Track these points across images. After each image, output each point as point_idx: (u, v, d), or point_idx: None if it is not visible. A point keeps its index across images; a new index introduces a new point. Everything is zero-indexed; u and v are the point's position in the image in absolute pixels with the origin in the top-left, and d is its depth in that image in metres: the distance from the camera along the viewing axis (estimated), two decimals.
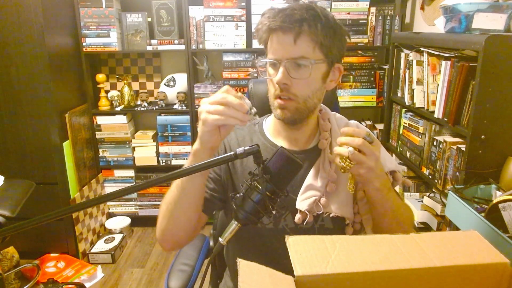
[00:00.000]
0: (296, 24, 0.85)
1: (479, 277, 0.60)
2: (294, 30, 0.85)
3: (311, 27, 0.85)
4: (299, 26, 0.85)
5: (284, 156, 0.70)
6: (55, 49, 2.14)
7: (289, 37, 0.86)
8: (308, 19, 0.85)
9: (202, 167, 0.70)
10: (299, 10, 0.85)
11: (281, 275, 0.58)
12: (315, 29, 0.86)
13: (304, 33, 0.85)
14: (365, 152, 0.80)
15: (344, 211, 0.95)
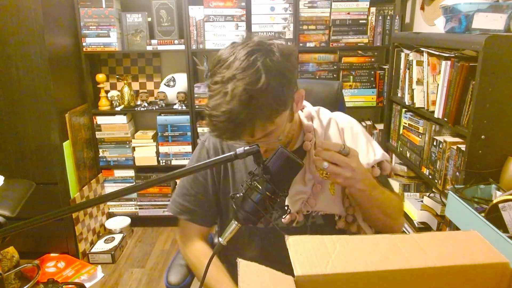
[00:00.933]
0: (246, 129, 0.78)
1: (479, 277, 0.60)
2: (245, 134, 0.80)
3: (258, 118, 0.78)
4: (250, 128, 0.78)
5: (284, 156, 0.70)
6: (55, 49, 2.14)
7: (245, 138, 0.81)
8: (252, 111, 0.76)
9: (202, 167, 0.70)
10: (238, 107, 0.75)
11: (281, 275, 0.58)
12: (263, 114, 0.78)
13: (258, 122, 0.78)
14: (340, 165, 0.83)
15: (332, 208, 0.97)
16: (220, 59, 0.81)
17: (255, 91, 0.75)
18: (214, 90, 0.79)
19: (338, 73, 2.46)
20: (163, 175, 0.67)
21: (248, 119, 0.76)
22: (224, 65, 0.79)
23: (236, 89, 0.75)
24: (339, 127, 1.03)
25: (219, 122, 0.77)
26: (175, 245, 2.56)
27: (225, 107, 0.75)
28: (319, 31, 2.38)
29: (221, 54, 0.82)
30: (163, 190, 2.66)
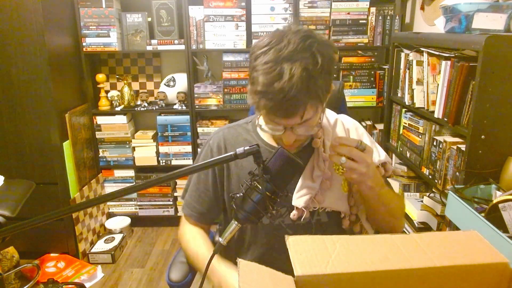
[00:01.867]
0: (302, 106, 0.81)
1: (479, 277, 0.60)
2: (300, 112, 0.82)
3: (313, 98, 0.81)
4: (304, 105, 0.81)
5: (284, 156, 0.70)
6: (55, 49, 2.14)
7: (296, 117, 0.83)
8: (312, 91, 0.80)
9: (202, 167, 0.70)
10: (302, 83, 0.78)
11: (281, 275, 0.58)
12: (319, 93, 0.82)
13: (310, 105, 0.82)
14: (357, 160, 0.84)
15: (339, 205, 0.98)
16: (268, 42, 0.82)
17: (314, 72, 0.80)
18: (265, 69, 0.80)
19: (338, 73, 2.46)
20: (163, 175, 0.67)
21: (305, 98, 0.80)
22: (276, 48, 0.80)
23: (295, 69, 0.78)
24: (345, 127, 1.05)
25: (275, 99, 0.79)
26: (175, 245, 2.56)
27: (284, 85, 0.77)
28: (319, 31, 2.38)
29: (268, 38, 0.83)
30: (163, 190, 2.66)
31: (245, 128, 1.07)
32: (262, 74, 0.80)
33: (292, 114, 0.82)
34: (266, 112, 0.83)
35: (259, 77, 0.80)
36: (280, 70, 0.78)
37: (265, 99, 0.80)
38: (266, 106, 0.81)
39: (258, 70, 0.81)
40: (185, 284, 1.07)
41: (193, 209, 1.08)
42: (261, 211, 0.70)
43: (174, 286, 1.06)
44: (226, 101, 2.49)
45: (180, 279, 1.07)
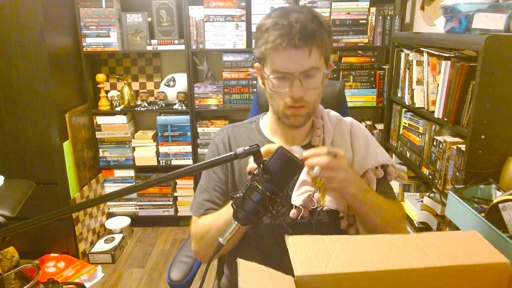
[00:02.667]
0: (309, 39, 0.85)
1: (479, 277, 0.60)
2: (308, 46, 0.85)
3: (321, 39, 0.87)
4: (312, 41, 0.85)
5: (284, 156, 0.70)
6: (55, 49, 2.14)
7: (304, 53, 0.86)
8: (318, 32, 0.86)
9: (202, 167, 0.70)
10: (308, 21, 0.85)
11: (281, 275, 0.58)
12: (324, 41, 0.88)
13: (316, 46, 0.87)
14: (332, 167, 0.83)
15: (337, 204, 0.97)
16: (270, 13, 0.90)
17: (319, 17, 0.89)
18: (273, 24, 0.86)
19: (338, 73, 2.46)
20: (163, 175, 0.67)
21: (313, 33, 0.85)
22: (280, 10, 0.89)
23: (303, 14, 0.86)
24: (348, 128, 1.05)
25: (285, 28, 0.84)
26: (175, 245, 2.56)
27: (292, 18, 0.85)
28: None
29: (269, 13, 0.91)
30: (163, 190, 2.66)
31: (249, 127, 1.08)
32: (271, 22, 0.87)
33: (302, 45, 0.85)
34: (274, 48, 0.86)
35: (269, 22, 0.87)
36: (288, 15, 0.86)
37: (274, 30, 0.85)
38: (276, 37, 0.85)
39: (266, 23, 0.88)
40: (185, 284, 1.07)
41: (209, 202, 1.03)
42: (261, 211, 0.70)
43: (174, 285, 1.06)
44: (226, 101, 2.49)
45: (181, 279, 1.07)
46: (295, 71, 0.88)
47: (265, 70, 0.93)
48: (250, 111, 1.39)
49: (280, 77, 0.90)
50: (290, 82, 0.89)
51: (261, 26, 0.90)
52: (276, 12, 0.89)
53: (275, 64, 0.89)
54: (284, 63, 0.88)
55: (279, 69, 0.89)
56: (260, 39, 0.90)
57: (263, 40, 0.88)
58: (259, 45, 0.90)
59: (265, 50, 0.89)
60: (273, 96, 0.95)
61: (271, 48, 0.87)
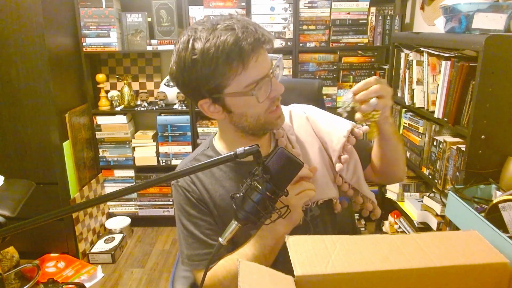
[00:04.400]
0: (266, 38, 0.81)
1: (479, 277, 0.60)
2: (270, 40, 0.82)
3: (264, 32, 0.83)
4: (265, 41, 0.81)
5: (284, 156, 0.70)
6: (55, 49, 2.14)
7: (267, 49, 0.83)
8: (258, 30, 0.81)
9: (202, 167, 0.70)
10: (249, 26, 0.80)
11: (281, 275, 0.58)
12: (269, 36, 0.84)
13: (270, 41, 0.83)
14: (385, 94, 0.82)
15: (328, 193, 0.97)
16: (187, 37, 0.80)
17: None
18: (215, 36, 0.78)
19: (338, 73, 2.46)
20: (163, 175, 0.67)
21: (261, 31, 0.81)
22: (198, 30, 0.80)
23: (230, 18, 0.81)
24: (304, 116, 1.04)
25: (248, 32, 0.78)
26: (175, 245, 2.56)
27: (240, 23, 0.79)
28: (319, 31, 2.38)
29: (182, 37, 0.82)
30: (163, 190, 2.66)
31: (207, 155, 0.98)
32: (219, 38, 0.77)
33: (268, 39, 0.81)
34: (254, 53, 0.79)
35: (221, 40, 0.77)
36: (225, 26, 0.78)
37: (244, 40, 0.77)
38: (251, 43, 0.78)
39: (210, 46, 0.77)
40: None
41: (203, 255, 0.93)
42: (261, 211, 0.70)
43: None
44: None
45: None
46: (267, 70, 0.83)
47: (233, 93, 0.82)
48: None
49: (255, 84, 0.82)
50: (268, 84, 0.83)
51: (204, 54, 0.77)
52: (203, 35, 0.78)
53: (248, 78, 0.80)
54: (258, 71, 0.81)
55: (254, 79, 0.81)
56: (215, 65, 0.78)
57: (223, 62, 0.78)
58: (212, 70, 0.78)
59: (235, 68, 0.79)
60: (247, 112, 0.86)
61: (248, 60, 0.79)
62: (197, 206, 0.93)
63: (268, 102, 0.86)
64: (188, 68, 0.80)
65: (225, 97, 0.83)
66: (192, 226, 0.93)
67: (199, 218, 0.93)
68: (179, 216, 0.96)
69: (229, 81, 0.80)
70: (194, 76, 0.80)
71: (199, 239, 0.93)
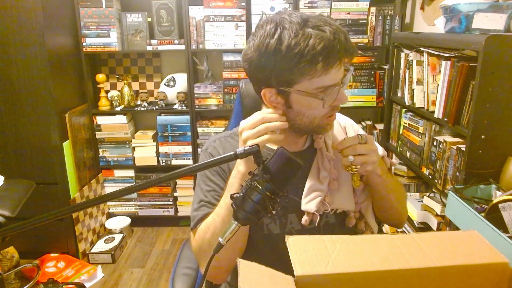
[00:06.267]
0: (352, 51, 0.83)
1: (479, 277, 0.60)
2: (355, 51, 0.84)
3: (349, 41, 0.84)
4: (351, 54, 0.84)
5: (284, 156, 0.70)
6: (55, 49, 2.14)
7: (353, 56, 0.85)
8: (348, 41, 0.83)
9: (202, 167, 0.70)
10: (336, 25, 0.81)
11: (281, 275, 0.58)
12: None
13: (353, 52, 0.85)
14: (365, 152, 0.86)
15: (348, 205, 0.98)
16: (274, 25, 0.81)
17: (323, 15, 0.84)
18: (304, 34, 0.78)
19: None
20: (163, 175, 0.67)
21: (347, 42, 0.81)
22: (286, 22, 0.80)
23: (322, 18, 0.81)
24: (341, 126, 1.06)
25: (338, 42, 0.79)
26: (175, 245, 2.56)
27: (332, 29, 0.79)
28: None
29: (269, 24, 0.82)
30: (163, 190, 2.66)
31: (237, 138, 0.99)
32: (306, 39, 0.78)
33: (354, 50, 0.83)
34: (336, 63, 0.81)
35: (308, 43, 0.77)
36: (316, 27, 0.79)
37: (331, 49, 0.78)
38: (337, 54, 0.79)
39: (297, 42, 0.78)
40: None
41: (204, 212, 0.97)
42: (261, 211, 0.70)
43: None
44: (226, 101, 2.49)
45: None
46: (339, 80, 0.85)
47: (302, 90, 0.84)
48: (233, 112, 1.34)
49: (325, 90, 0.84)
50: (336, 92, 0.85)
51: (288, 48, 0.79)
52: (291, 28, 0.79)
53: (321, 83, 0.82)
54: (331, 79, 0.83)
55: (326, 84, 0.83)
56: (295, 61, 0.79)
57: (306, 63, 0.79)
58: (292, 67, 0.80)
59: (314, 72, 0.80)
60: (306, 112, 0.88)
61: (327, 68, 0.80)
62: (218, 173, 0.97)
63: (329, 108, 0.87)
64: (268, 55, 0.81)
65: (291, 92, 0.84)
66: (206, 190, 0.97)
67: (216, 184, 0.97)
68: (198, 180, 1.00)
69: (303, 80, 0.82)
70: (271, 64, 0.82)
71: (207, 201, 0.96)
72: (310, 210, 0.93)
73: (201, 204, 0.98)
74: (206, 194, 0.98)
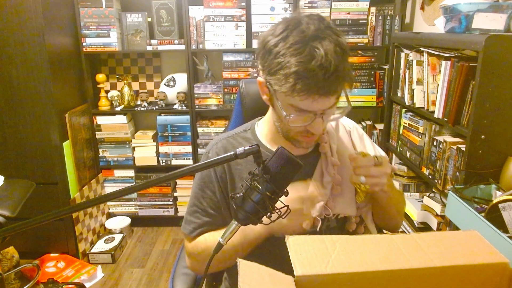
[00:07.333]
0: (337, 82, 0.79)
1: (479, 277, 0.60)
2: (335, 90, 0.80)
3: (345, 79, 0.81)
4: (339, 83, 0.80)
5: (284, 156, 0.70)
6: (55, 49, 2.14)
7: (330, 96, 0.81)
8: (344, 67, 0.79)
9: (202, 167, 0.70)
10: (334, 56, 0.76)
11: (281, 275, 0.58)
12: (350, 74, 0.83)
13: (341, 86, 0.82)
14: (378, 175, 0.86)
15: (350, 210, 0.98)
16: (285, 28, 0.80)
17: (345, 47, 0.80)
18: (294, 50, 0.77)
19: None
20: (163, 175, 0.67)
21: (343, 73, 0.78)
22: (297, 29, 0.79)
23: (326, 45, 0.77)
24: (346, 129, 1.06)
25: (316, 77, 0.76)
26: (175, 245, 2.56)
27: (322, 62, 0.75)
28: None
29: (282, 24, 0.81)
30: (163, 190, 2.66)
31: (244, 137, 1.02)
32: (292, 55, 0.77)
33: (333, 92, 0.80)
34: (304, 95, 0.78)
35: (290, 59, 0.77)
36: (311, 49, 0.76)
37: (304, 79, 0.76)
38: (307, 86, 0.77)
39: (285, 53, 0.78)
40: None
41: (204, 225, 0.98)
42: (261, 211, 0.70)
43: None
44: (226, 101, 2.49)
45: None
46: (318, 110, 0.82)
47: (278, 97, 0.84)
48: (234, 113, 1.33)
49: (299, 111, 0.83)
50: (310, 119, 0.83)
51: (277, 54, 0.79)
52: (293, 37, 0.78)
53: (296, 102, 0.81)
54: (307, 106, 0.81)
55: (300, 107, 0.82)
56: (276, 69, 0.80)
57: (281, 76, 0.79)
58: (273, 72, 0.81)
59: (284, 88, 0.79)
60: (279, 119, 0.89)
61: (294, 94, 0.79)
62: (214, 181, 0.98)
63: (300, 128, 0.87)
64: (265, 50, 0.83)
65: (274, 92, 0.85)
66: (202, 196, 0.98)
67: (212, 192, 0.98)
68: (195, 182, 1.01)
69: (280, 89, 0.81)
70: (264, 58, 0.84)
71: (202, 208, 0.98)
72: (312, 215, 0.92)
73: (194, 209, 0.99)
74: (202, 201, 0.99)
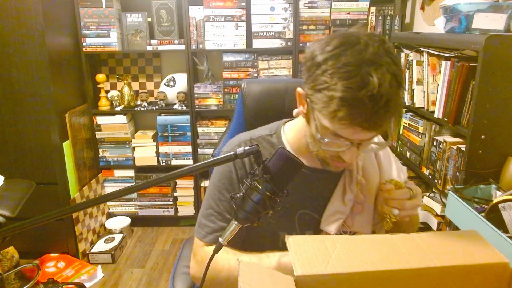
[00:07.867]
0: (385, 120, 0.73)
1: (479, 277, 0.60)
2: (381, 127, 0.74)
3: (394, 115, 0.74)
4: (387, 122, 0.74)
5: (284, 156, 0.70)
6: (55, 49, 2.14)
7: (376, 132, 0.77)
8: (394, 106, 0.72)
9: (202, 167, 0.70)
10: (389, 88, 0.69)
11: (281, 275, 0.58)
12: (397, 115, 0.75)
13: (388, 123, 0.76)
14: (411, 209, 0.85)
15: (366, 229, 0.96)
16: (340, 43, 0.72)
17: (401, 80, 0.72)
18: (344, 72, 0.69)
19: None
20: (163, 175, 0.67)
21: (394, 109, 0.72)
22: (354, 49, 0.71)
23: (383, 74, 0.69)
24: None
25: (364, 109, 0.69)
26: (175, 245, 2.56)
27: (374, 92, 0.68)
28: (319, 31, 2.38)
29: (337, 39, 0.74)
30: (163, 190, 2.66)
31: (269, 142, 0.96)
32: (342, 78, 0.69)
33: (378, 127, 0.73)
34: (346, 124, 0.72)
35: (338, 82, 0.70)
36: (365, 75, 0.68)
37: (350, 107, 0.69)
38: (351, 116, 0.70)
39: (333, 74, 0.70)
40: None
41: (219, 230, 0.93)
42: (261, 211, 0.70)
43: None
44: (226, 101, 2.49)
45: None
46: (355, 140, 0.77)
47: (316, 116, 0.78)
48: (235, 112, 1.30)
49: (335, 137, 0.77)
50: (345, 146, 0.78)
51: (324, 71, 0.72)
52: (346, 57, 0.70)
53: (335, 128, 0.75)
54: (346, 134, 0.76)
55: (339, 134, 0.76)
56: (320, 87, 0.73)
57: (325, 96, 0.72)
58: (317, 90, 0.74)
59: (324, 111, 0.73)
60: (312, 137, 0.83)
61: (335, 120, 0.72)
62: (235, 183, 0.93)
63: (332, 153, 0.82)
64: (313, 62, 0.75)
65: (312, 109, 0.79)
66: (219, 199, 0.94)
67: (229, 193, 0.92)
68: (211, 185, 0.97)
69: (323, 111, 0.74)
70: (309, 67, 0.77)
71: (218, 211, 0.93)
72: (329, 232, 0.91)
73: (210, 212, 0.95)
74: (218, 203, 0.94)
